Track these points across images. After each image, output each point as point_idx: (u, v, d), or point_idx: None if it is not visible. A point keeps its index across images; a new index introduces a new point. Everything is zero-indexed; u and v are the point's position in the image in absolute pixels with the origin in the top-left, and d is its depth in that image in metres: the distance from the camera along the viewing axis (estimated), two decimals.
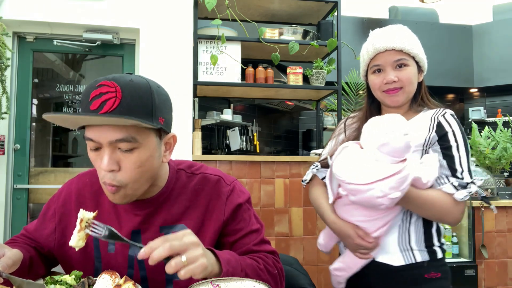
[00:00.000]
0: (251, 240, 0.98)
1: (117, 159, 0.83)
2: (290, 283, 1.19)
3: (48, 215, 1.03)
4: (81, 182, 1.03)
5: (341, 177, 1.04)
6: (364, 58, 1.26)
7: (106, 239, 0.81)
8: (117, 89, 0.79)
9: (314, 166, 1.34)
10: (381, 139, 1.01)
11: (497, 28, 6.09)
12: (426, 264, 1.19)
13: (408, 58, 1.20)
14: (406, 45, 1.18)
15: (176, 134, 0.96)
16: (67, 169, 3.04)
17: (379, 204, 1.00)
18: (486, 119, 6.31)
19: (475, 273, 2.64)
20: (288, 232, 2.63)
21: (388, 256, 1.19)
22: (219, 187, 1.00)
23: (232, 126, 4.50)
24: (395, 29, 1.22)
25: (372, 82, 1.24)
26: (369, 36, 1.26)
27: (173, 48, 2.71)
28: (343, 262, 1.24)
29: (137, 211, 0.96)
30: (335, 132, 1.37)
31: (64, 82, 2.98)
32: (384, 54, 1.19)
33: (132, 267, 0.95)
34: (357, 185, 1.00)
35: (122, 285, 0.78)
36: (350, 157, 1.06)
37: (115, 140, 0.81)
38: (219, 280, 0.78)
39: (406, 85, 1.19)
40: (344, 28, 4.06)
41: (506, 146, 3.08)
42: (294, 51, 2.78)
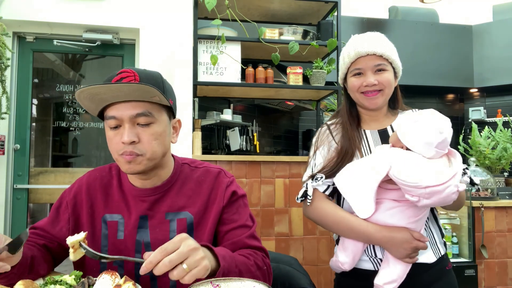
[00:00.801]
0: (243, 232, 1.04)
1: (137, 132, 0.95)
2: (290, 283, 1.19)
3: (62, 208, 1.09)
4: (91, 176, 1.11)
5: (413, 182, 1.02)
6: (345, 61, 1.29)
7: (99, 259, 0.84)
8: (135, 74, 0.95)
9: (317, 178, 1.25)
10: (438, 136, 1.05)
11: (497, 28, 6.09)
12: (445, 256, 1.27)
13: (387, 63, 1.25)
14: (386, 50, 1.24)
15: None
16: (67, 169, 3.04)
17: (452, 199, 1.04)
18: (486, 119, 6.31)
19: (475, 273, 2.64)
20: (288, 232, 2.63)
21: (422, 255, 1.19)
22: (220, 177, 1.09)
23: (232, 126, 4.50)
24: (375, 35, 1.28)
25: (351, 84, 1.28)
26: (350, 40, 1.30)
27: (173, 48, 2.71)
28: (395, 273, 1.14)
29: (144, 197, 1.04)
30: (321, 141, 1.32)
31: (64, 82, 2.98)
32: (365, 58, 1.24)
33: (140, 252, 1.01)
34: (434, 187, 1.01)
35: (122, 285, 0.78)
36: (406, 162, 1.05)
37: (135, 114, 0.94)
38: (219, 280, 0.78)
39: (385, 88, 1.25)
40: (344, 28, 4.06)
41: (506, 146, 3.08)
42: (294, 51, 2.78)
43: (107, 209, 1.05)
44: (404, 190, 1.06)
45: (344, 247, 1.22)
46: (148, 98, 0.93)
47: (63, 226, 1.06)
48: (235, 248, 1.02)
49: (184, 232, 1.00)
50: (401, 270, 1.14)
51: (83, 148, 3.07)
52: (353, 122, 1.30)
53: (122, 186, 1.07)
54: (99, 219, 1.04)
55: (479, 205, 2.70)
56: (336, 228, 1.23)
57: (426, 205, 1.07)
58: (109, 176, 1.10)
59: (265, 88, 2.96)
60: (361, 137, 1.28)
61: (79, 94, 0.92)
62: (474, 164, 2.98)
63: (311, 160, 1.31)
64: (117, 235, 1.03)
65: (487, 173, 2.93)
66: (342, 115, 1.34)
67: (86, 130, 2.99)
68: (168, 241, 1.00)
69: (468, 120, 6.46)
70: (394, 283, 1.13)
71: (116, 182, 1.08)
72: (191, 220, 1.03)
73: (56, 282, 0.85)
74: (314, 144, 1.33)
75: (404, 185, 1.04)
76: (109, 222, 1.04)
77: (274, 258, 1.31)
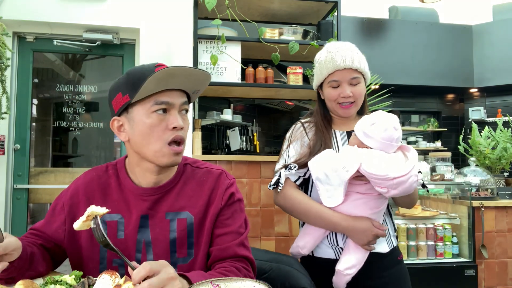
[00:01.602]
0: (234, 239, 1.04)
1: (182, 119, 1.00)
2: (290, 283, 1.19)
3: (57, 209, 1.08)
4: (87, 177, 1.11)
5: (383, 174, 1.14)
6: (323, 72, 1.38)
7: (101, 243, 0.83)
8: None
9: (290, 167, 1.36)
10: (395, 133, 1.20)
11: (497, 28, 6.10)
12: (397, 248, 1.41)
13: (360, 76, 1.37)
14: (361, 64, 1.36)
15: None
16: (67, 169, 3.04)
17: (413, 188, 1.20)
18: (486, 119, 6.32)
19: (475, 273, 2.64)
20: (288, 232, 2.63)
21: (378, 245, 1.32)
22: (221, 179, 1.09)
23: (232, 126, 4.50)
24: (350, 48, 1.37)
25: (329, 94, 1.38)
26: (326, 51, 1.39)
27: (173, 48, 2.71)
28: (355, 259, 1.26)
29: (145, 197, 1.04)
30: (295, 136, 1.43)
31: (64, 82, 2.98)
32: (342, 71, 1.35)
33: (140, 251, 1.01)
34: (400, 178, 1.14)
35: (122, 285, 0.78)
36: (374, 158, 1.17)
37: (184, 101, 1.00)
38: (219, 280, 0.78)
39: (357, 99, 1.38)
40: (344, 28, 4.06)
41: (506, 146, 3.08)
42: (294, 51, 2.78)
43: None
44: (374, 183, 1.19)
45: (306, 233, 1.35)
46: (192, 90, 1.02)
47: (58, 227, 1.06)
48: (222, 255, 1.01)
49: (184, 232, 1.01)
50: (361, 256, 1.27)
51: (83, 148, 3.07)
52: (326, 123, 1.43)
53: (121, 185, 1.07)
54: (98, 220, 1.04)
55: (479, 205, 2.71)
56: (305, 216, 1.34)
57: (394, 195, 1.20)
58: (106, 176, 1.09)
59: (265, 88, 2.96)
60: (331, 137, 1.41)
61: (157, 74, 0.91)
62: (474, 164, 2.98)
63: (284, 152, 1.43)
64: (117, 234, 1.02)
65: (487, 173, 2.93)
66: (316, 116, 1.46)
67: (86, 130, 2.99)
68: (167, 242, 1.00)
69: (468, 120, 6.46)
70: (354, 268, 1.26)
71: (114, 181, 1.08)
72: (191, 220, 1.03)
73: (56, 282, 0.85)
74: (288, 138, 1.45)
75: (374, 178, 1.17)
76: (108, 222, 1.03)
77: (274, 258, 1.31)
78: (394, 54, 5.93)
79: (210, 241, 1.04)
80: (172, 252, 1.01)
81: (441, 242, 2.74)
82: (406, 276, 1.39)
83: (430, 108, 6.88)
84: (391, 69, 5.84)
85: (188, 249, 1.02)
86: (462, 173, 2.96)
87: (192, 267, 1.01)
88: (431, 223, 2.77)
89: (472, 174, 2.93)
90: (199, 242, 1.03)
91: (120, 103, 0.99)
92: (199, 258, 1.02)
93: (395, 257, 1.38)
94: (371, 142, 1.22)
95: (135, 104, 0.98)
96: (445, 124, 6.80)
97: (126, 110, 0.99)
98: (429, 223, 2.77)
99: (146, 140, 0.98)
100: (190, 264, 1.01)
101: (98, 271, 1.01)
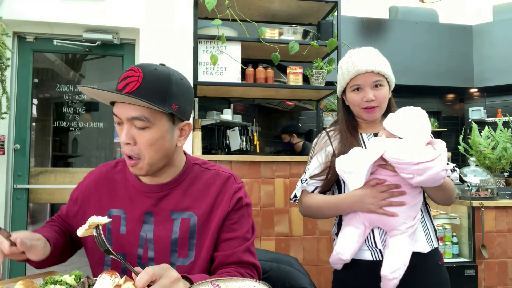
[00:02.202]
0: (239, 244, 1.03)
1: (133, 134, 0.96)
2: (290, 283, 1.19)
3: (73, 200, 1.14)
4: (99, 171, 1.15)
5: (407, 159, 1.12)
6: (345, 77, 1.39)
7: (104, 251, 0.84)
8: (140, 74, 0.94)
9: (304, 181, 1.40)
10: (423, 125, 1.19)
11: (497, 28, 6.09)
12: (438, 251, 1.37)
13: (383, 79, 1.36)
14: (383, 67, 1.35)
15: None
16: (67, 169, 3.04)
17: (441, 177, 1.14)
18: (486, 119, 6.31)
19: (475, 273, 2.64)
20: (288, 232, 2.63)
21: (417, 243, 1.29)
22: (229, 183, 1.08)
23: (232, 126, 4.51)
24: (372, 52, 1.37)
25: (352, 99, 1.38)
26: (348, 56, 1.40)
27: (173, 48, 2.71)
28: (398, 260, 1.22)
29: (149, 193, 1.05)
30: (319, 146, 1.43)
31: (64, 82, 2.98)
32: (364, 75, 1.34)
33: (143, 247, 1.02)
34: (425, 163, 1.11)
35: (122, 285, 0.78)
36: (399, 145, 1.15)
37: (131, 117, 0.94)
38: (219, 280, 0.78)
39: (381, 103, 1.37)
40: (344, 28, 4.06)
41: (506, 146, 3.08)
42: (294, 51, 2.78)
43: (112, 204, 1.07)
44: (398, 169, 1.16)
45: (344, 240, 1.30)
46: (142, 104, 0.93)
47: (73, 217, 1.13)
48: (227, 261, 1.01)
49: (186, 233, 1.01)
50: (404, 257, 1.21)
51: (83, 148, 3.07)
52: (351, 128, 1.42)
53: (127, 181, 1.09)
54: (104, 213, 1.06)
55: (479, 205, 2.70)
56: (320, 212, 1.37)
57: (420, 182, 1.15)
58: (114, 171, 1.12)
59: (265, 88, 2.96)
60: (359, 140, 1.40)
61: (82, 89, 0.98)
62: (474, 164, 2.97)
63: (308, 164, 1.44)
64: (120, 229, 1.04)
65: (487, 173, 2.93)
66: (341, 124, 1.45)
67: (86, 130, 2.99)
68: (169, 241, 1.01)
69: (468, 120, 6.46)
70: (399, 270, 1.21)
71: (121, 177, 1.10)
72: (194, 221, 1.02)
73: (56, 282, 0.85)
74: (313, 149, 1.46)
75: (398, 163, 1.14)
76: (113, 216, 1.06)
77: (274, 258, 1.31)
78: (394, 54, 5.91)
79: (214, 245, 1.02)
80: (173, 251, 1.01)
81: (441, 242, 2.74)
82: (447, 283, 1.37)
83: (430, 108, 6.87)
84: None
85: (189, 250, 1.01)
86: (462, 173, 2.96)
87: (191, 270, 1.00)
88: None
89: (472, 174, 2.93)
90: (201, 245, 1.02)
91: None
92: (199, 261, 1.00)
93: (436, 261, 1.34)
94: (400, 132, 1.20)
95: None
96: (445, 124, 6.80)
97: None
98: None
99: None
100: (189, 266, 1.00)
101: (103, 263, 1.04)
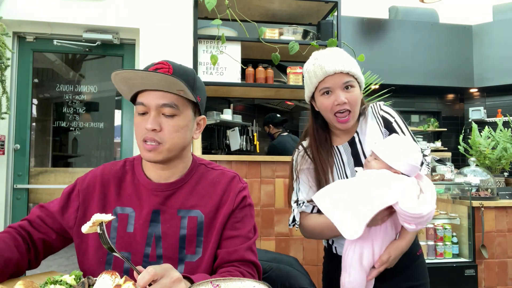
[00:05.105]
0: (242, 242, 1.05)
1: (160, 121, 1.00)
2: (290, 283, 1.19)
3: (73, 195, 1.11)
4: (106, 169, 1.14)
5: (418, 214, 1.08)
6: (312, 81, 1.28)
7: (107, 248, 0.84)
8: (169, 66, 1.02)
9: (301, 204, 1.32)
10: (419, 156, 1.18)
11: (497, 28, 6.10)
12: (417, 241, 1.37)
13: (353, 79, 1.27)
14: (352, 68, 1.25)
15: None
16: (67, 169, 3.04)
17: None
18: (486, 119, 6.32)
19: (475, 273, 2.64)
20: (288, 232, 2.63)
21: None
22: (234, 182, 1.11)
23: (232, 126, 4.51)
24: (338, 52, 1.29)
25: (322, 104, 1.28)
26: (313, 58, 1.30)
27: (173, 48, 2.71)
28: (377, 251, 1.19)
29: (157, 192, 1.06)
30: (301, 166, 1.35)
31: (64, 82, 2.98)
32: (333, 76, 1.24)
33: (150, 245, 1.03)
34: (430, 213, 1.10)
35: (122, 285, 0.78)
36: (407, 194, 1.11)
37: (161, 104, 0.99)
38: (219, 280, 0.78)
39: (353, 106, 1.27)
40: (344, 28, 4.06)
41: (506, 146, 3.08)
42: (294, 51, 2.78)
43: (119, 202, 1.07)
44: (403, 219, 1.12)
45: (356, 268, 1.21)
46: (174, 90, 0.99)
47: (71, 213, 1.08)
48: (229, 258, 1.02)
49: (194, 230, 1.03)
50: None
51: (83, 148, 3.07)
52: (323, 141, 1.34)
53: (136, 180, 1.09)
54: (110, 211, 1.06)
55: (479, 205, 2.71)
56: (323, 234, 1.30)
57: (417, 230, 1.14)
58: (123, 170, 1.12)
59: (265, 88, 2.96)
60: (333, 155, 1.33)
61: (114, 77, 0.97)
62: (474, 164, 2.97)
63: (295, 184, 1.35)
64: (127, 228, 1.04)
65: (487, 173, 2.93)
66: (310, 136, 1.37)
67: (86, 130, 2.99)
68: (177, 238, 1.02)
69: (468, 120, 6.46)
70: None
71: (130, 176, 1.10)
72: (201, 219, 1.05)
73: (56, 282, 0.85)
74: (295, 169, 1.36)
75: (407, 216, 1.09)
76: (120, 214, 1.05)
77: (274, 258, 1.31)
78: (394, 54, 5.93)
79: (218, 242, 1.04)
80: (181, 248, 1.03)
81: (441, 242, 2.74)
82: (426, 273, 1.37)
83: (430, 108, 6.88)
84: (391, 69, 5.84)
85: (197, 247, 1.03)
86: (462, 173, 2.96)
87: (199, 265, 1.02)
88: (431, 223, 2.77)
89: (472, 174, 2.93)
90: (207, 242, 1.04)
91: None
92: (206, 257, 1.03)
93: (414, 251, 1.34)
94: (401, 166, 1.16)
95: (135, 102, 1.05)
96: (445, 124, 6.80)
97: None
98: (429, 223, 2.77)
99: (136, 136, 1.04)
100: (197, 262, 1.03)
101: (105, 261, 1.03)
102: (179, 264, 1.02)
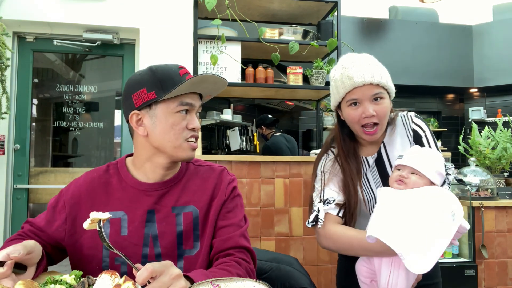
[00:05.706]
0: (235, 230, 1.08)
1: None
2: (290, 283, 1.19)
3: (58, 208, 1.09)
4: (89, 177, 1.12)
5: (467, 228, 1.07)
6: (339, 91, 1.21)
7: (104, 243, 0.84)
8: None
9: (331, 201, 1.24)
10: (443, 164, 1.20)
11: (497, 28, 6.10)
12: None
13: (383, 91, 1.20)
14: (382, 78, 1.19)
15: None
16: (67, 169, 3.04)
17: None
18: (486, 119, 6.31)
19: (475, 273, 2.64)
20: (288, 232, 2.63)
21: None
22: (224, 174, 1.15)
23: (232, 126, 4.51)
24: (368, 61, 1.21)
25: (349, 115, 1.22)
26: (341, 66, 1.22)
27: (173, 48, 2.71)
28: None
29: (150, 192, 1.07)
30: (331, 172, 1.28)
31: (64, 82, 2.98)
32: (362, 88, 1.17)
33: (148, 245, 1.03)
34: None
35: (122, 285, 0.78)
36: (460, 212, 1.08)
37: (200, 104, 1.09)
38: (219, 280, 0.78)
39: (382, 119, 1.21)
40: (344, 28, 4.06)
41: (506, 146, 3.08)
42: (294, 51, 2.78)
43: (108, 208, 1.05)
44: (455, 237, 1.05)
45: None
46: (215, 93, 1.13)
47: (59, 226, 1.06)
48: (224, 246, 1.05)
49: (190, 225, 1.05)
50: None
51: (83, 148, 3.07)
52: (350, 152, 1.28)
53: (123, 183, 1.08)
54: None
55: (479, 205, 2.70)
56: (350, 249, 1.19)
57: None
58: (107, 175, 1.11)
59: (265, 88, 2.96)
60: (360, 167, 1.27)
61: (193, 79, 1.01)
62: (474, 164, 2.97)
63: (318, 184, 1.28)
64: (121, 231, 1.04)
65: (487, 173, 2.93)
66: (337, 145, 1.31)
67: (86, 130, 2.99)
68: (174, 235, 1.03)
69: (468, 120, 6.46)
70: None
71: (116, 179, 1.09)
72: (196, 214, 1.07)
73: (56, 282, 0.85)
74: (321, 170, 1.29)
75: (462, 233, 1.07)
76: (111, 220, 1.04)
77: (274, 258, 1.31)
78: (394, 54, 5.92)
79: (212, 233, 1.07)
80: (179, 244, 1.04)
81: None
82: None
83: (430, 108, 6.88)
84: (391, 69, 5.79)
85: (194, 241, 1.05)
86: (462, 173, 2.96)
87: (198, 258, 1.04)
88: None
89: (472, 174, 2.93)
90: (204, 235, 1.06)
91: (144, 98, 1.01)
92: (203, 249, 1.05)
93: None
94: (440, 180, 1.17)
95: (160, 101, 1.01)
96: (445, 124, 6.80)
97: (149, 106, 1.02)
98: None
99: (167, 136, 1.03)
100: (196, 255, 1.05)
101: (101, 268, 1.01)
102: (178, 260, 1.04)
